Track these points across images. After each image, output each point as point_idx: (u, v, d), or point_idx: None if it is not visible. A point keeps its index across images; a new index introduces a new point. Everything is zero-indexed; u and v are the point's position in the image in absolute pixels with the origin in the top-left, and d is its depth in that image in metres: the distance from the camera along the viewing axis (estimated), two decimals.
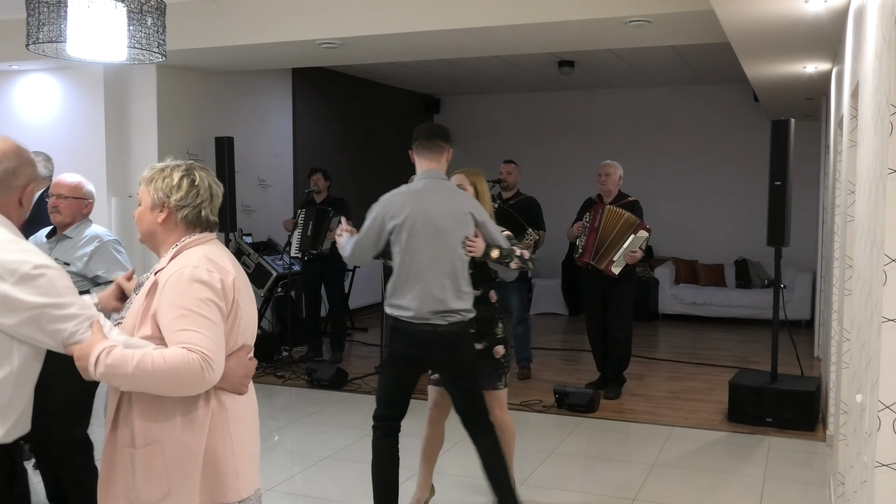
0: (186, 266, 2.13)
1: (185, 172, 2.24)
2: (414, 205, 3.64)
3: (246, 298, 2.23)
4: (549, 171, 11.31)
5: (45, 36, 3.04)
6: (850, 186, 3.96)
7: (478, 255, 3.69)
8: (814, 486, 4.81)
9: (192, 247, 2.22)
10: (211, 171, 2.33)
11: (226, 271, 2.17)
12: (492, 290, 4.02)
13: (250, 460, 2.25)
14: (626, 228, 6.24)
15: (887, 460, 1.91)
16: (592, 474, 4.99)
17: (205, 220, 2.24)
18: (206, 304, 2.09)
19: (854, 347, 2.93)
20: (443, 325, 3.63)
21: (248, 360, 2.25)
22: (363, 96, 10.59)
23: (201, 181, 2.24)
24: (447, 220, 3.63)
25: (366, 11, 5.84)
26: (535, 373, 7.24)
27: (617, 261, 6.22)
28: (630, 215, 6.26)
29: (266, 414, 6.26)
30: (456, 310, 3.65)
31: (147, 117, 7.41)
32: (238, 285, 2.19)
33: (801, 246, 9.42)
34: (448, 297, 3.62)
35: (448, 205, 3.66)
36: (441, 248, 3.63)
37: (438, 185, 3.72)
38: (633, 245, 6.19)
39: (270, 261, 8.00)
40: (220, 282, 2.13)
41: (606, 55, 8.70)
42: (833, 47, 5.31)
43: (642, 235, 6.22)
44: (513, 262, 3.79)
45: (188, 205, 2.22)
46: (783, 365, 6.19)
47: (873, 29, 2.49)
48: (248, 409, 2.28)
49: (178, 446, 2.11)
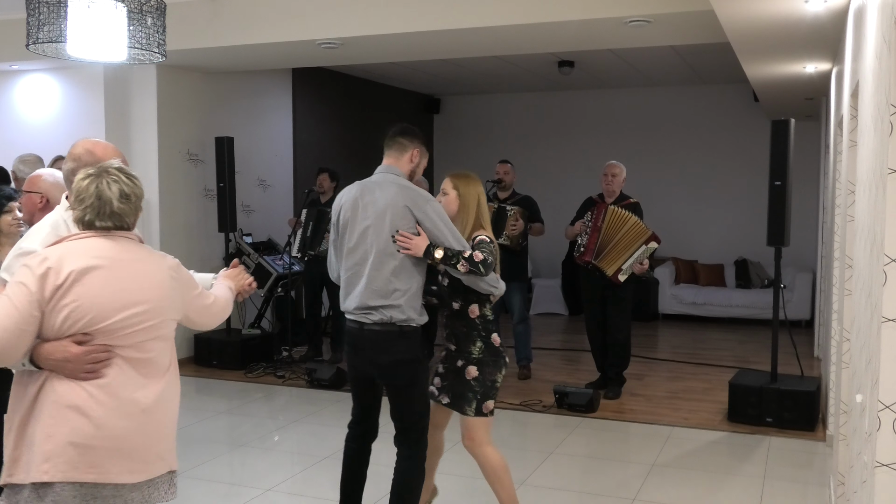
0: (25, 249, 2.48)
1: (90, 179, 2.41)
2: (350, 198, 3.56)
3: (94, 289, 2.32)
4: (549, 170, 11.31)
5: (45, 36, 3.04)
6: (850, 186, 3.96)
7: (414, 253, 3.43)
8: (814, 486, 4.81)
9: (69, 240, 2.40)
10: (132, 179, 2.45)
11: (65, 263, 2.31)
12: (473, 305, 3.63)
13: (71, 449, 2.28)
14: (636, 237, 6.25)
15: (887, 460, 1.91)
16: (592, 474, 5.00)
17: (88, 222, 2.40)
18: (14, 285, 2.31)
19: (854, 347, 2.93)
20: (367, 324, 3.49)
21: (94, 348, 2.33)
22: (363, 96, 10.59)
23: (86, 189, 2.40)
24: (378, 215, 3.47)
25: (366, 11, 5.84)
26: (535, 373, 7.24)
27: (625, 269, 6.24)
28: (642, 224, 6.28)
29: (266, 414, 6.26)
30: (377, 307, 3.45)
31: (147, 117, 7.41)
32: (78, 278, 2.31)
33: (801, 246, 9.43)
34: (371, 294, 3.46)
35: (384, 199, 3.47)
36: (367, 242, 3.49)
37: (385, 178, 3.55)
38: (643, 256, 6.23)
39: (270, 261, 8.00)
40: (48, 271, 2.29)
41: (606, 55, 8.70)
42: (833, 47, 5.31)
43: (652, 247, 6.25)
44: (460, 265, 3.44)
45: (76, 208, 2.43)
46: (783, 365, 6.19)
47: (873, 29, 2.49)
48: (90, 400, 2.32)
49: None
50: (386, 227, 3.45)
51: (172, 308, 2.49)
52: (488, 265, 3.47)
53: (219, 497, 4.55)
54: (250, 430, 5.79)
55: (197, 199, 7.90)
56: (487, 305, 3.66)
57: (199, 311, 2.65)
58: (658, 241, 6.28)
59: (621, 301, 6.45)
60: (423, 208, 3.47)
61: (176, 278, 2.51)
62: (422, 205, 3.47)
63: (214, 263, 8.00)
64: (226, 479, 4.85)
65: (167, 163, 7.52)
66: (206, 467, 5.00)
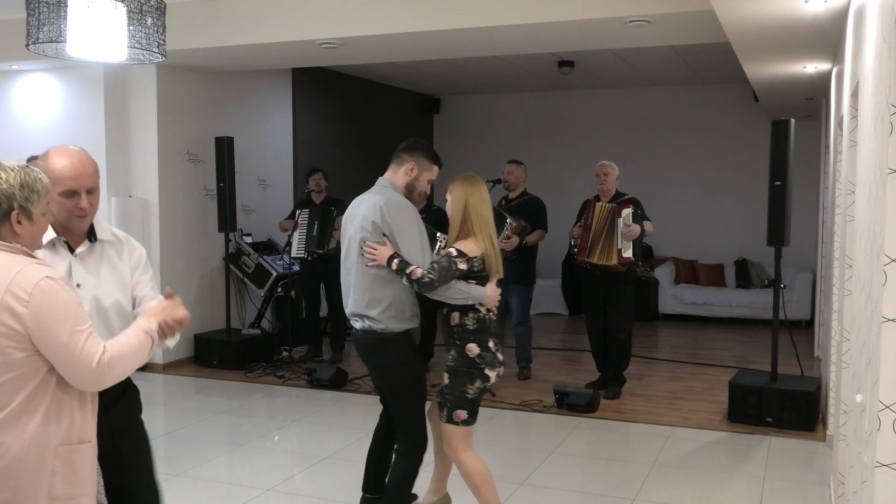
0: None
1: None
2: (349, 209, 3.79)
3: None
4: (549, 170, 11.30)
5: (45, 36, 3.04)
6: (850, 186, 3.96)
7: (379, 264, 3.56)
8: (814, 486, 4.81)
9: None
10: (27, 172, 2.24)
11: None
12: (454, 313, 3.66)
13: None
14: (611, 218, 6.32)
15: (887, 460, 1.91)
16: (592, 474, 5.00)
17: None
18: None
19: (854, 347, 2.93)
20: (357, 330, 3.73)
21: None
22: (363, 96, 10.59)
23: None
24: (357, 226, 3.64)
25: (366, 11, 5.84)
26: (535, 373, 7.24)
27: (623, 247, 6.24)
28: (608, 206, 6.36)
29: (266, 414, 6.26)
30: (363, 315, 3.65)
31: (147, 117, 7.41)
32: None
33: (801, 246, 9.43)
34: (357, 302, 3.67)
35: (364, 211, 3.64)
36: (353, 253, 3.69)
37: (374, 190, 3.74)
38: (625, 227, 6.23)
39: (270, 261, 8.00)
40: None
41: (606, 55, 8.70)
42: (833, 47, 5.31)
43: (627, 213, 6.27)
44: (403, 279, 3.54)
45: None
46: (783, 365, 6.19)
47: (873, 29, 2.49)
48: None
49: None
50: (361, 239, 3.63)
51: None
52: (423, 284, 3.50)
53: (219, 497, 4.55)
54: (250, 430, 5.79)
55: (197, 199, 7.90)
56: (471, 315, 3.65)
57: (56, 358, 2.15)
58: (627, 205, 6.31)
59: (622, 301, 6.46)
60: (397, 216, 3.57)
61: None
62: (395, 213, 3.57)
63: (214, 263, 8.00)
64: (225, 479, 4.84)
65: (167, 163, 7.52)
66: (206, 467, 5.00)
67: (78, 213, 2.56)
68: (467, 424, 3.69)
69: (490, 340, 3.69)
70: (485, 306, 3.66)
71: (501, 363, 3.76)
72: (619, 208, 6.31)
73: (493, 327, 3.73)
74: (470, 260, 3.57)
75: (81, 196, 2.55)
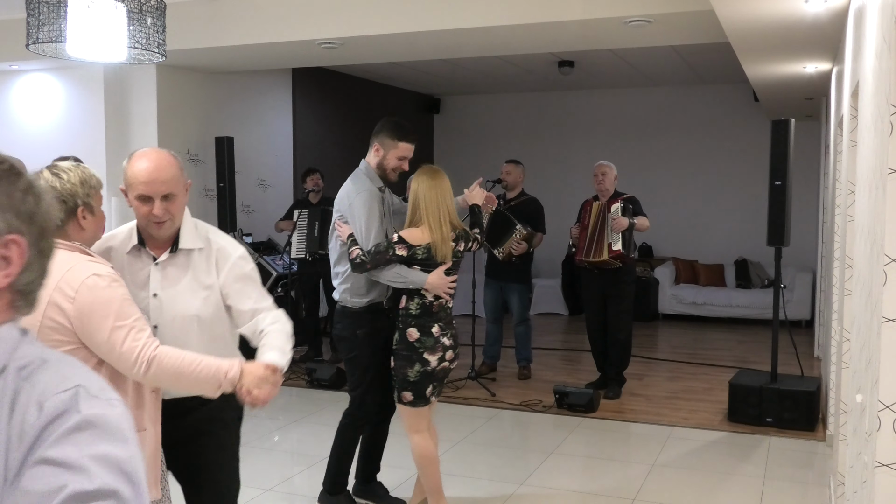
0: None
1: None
2: None
3: None
4: (549, 170, 11.30)
5: (45, 36, 3.04)
6: (850, 186, 3.96)
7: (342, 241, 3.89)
8: (814, 486, 4.80)
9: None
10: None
11: None
12: (403, 296, 3.85)
13: None
14: (602, 215, 6.37)
15: (887, 460, 1.91)
16: (592, 474, 4.99)
17: None
18: None
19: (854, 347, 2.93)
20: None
21: None
22: (363, 96, 10.58)
23: None
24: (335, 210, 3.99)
25: (366, 11, 5.84)
26: (535, 373, 7.24)
27: (612, 239, 6.27)
28: (601, 204, 6.42)
29: (266, 414, 6.25)
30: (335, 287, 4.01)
31: (147, 117, 7.41)
32: None
33: (801, 246, 9.42)
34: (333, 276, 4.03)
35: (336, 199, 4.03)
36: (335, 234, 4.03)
37: (350, 177, 4.06)
38: (612, 220, 6.25)
39: (270, 261, 8.00)
40: None
41: (606, 55, 8.70)
42: (833, 47, 5.31)
43: (616, 207, 6.30)
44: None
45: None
46: (783, 365, 6.19)
47: (873, 29, 2.49)
48: None
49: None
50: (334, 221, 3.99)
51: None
52: (356, 264, 3.77)
53: None
54: (250, 430, 5.79)
55: (197, 199, 7.90)
56: (416, 300, 3.80)
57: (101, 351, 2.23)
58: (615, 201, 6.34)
59: (622, 301, 6.47)
60: (352, 201, 3.88)
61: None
62: (352, 198, 3.88)
63: None
64: None
65: None
66: None
67: (153, 218, 2.48)
68: (414, 406, 3.84)
69: (435, 325, 3.81)
70: (431, 292, 3.79)
71: (448, 348, 3.84)
72: (609, 204, 6.34)
73: (443, 313, 3.85)
74: (412, 247, 3.73)
75: (155, 202, 2.46)
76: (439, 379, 3.88)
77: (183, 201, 2.56)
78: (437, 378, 3.86)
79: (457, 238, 3.86)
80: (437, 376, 3.86)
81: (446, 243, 3.77)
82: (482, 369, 7.10)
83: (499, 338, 7.27)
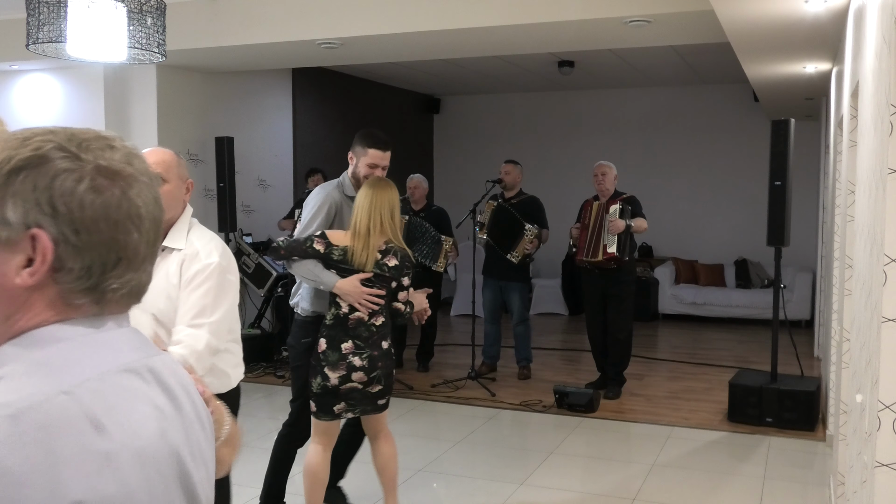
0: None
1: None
2: None
3: None
4: (549, 171, 11.31)
5: (45, 36, 3.04)
6: (850, 186, 3.96)
7: None
8: (814, 486, 4.81)
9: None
10: None
11: None
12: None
13: None
14: (600, 215, 6.39)
15: (887, 460, 1.91)
16: (592, 474, 4.99)
17: None
18: None
19: (854, 347, 2.93)
20: None
21: None
22: (363, 96, 10.58)
23: None
24: None
25: (366, 11, 5.84)
26: (535, 373, 7.24)
27: (608, 241, 6.27)
28: (600, 204, 6.42)
29: (266, 414, 6.25)
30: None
31: (147, 117, 7.41)
32: None
33: (801, 246, 9.42)
34: None
35: None
36: None
37: None
38: (609, 221, 6.28)
39: (270, 261, 7.99)
40: None
41: (606, 55, 8.70)
42: (833, 47, 5.31)
43: (614, 209, 6.31)
44: None
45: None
46: (783, 365, 6.19)
47: (873, 29, 2.49)
48: None
49: None
50: None
51: None
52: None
53: None
54: (250, 430, 5.79)
55: (197, 199, 7.89)
56: (332, 310, 3.58)
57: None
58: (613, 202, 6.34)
59: (622, 301, 6.47)
60: (309, 199, 3.92)
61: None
62: (310, 197, 3.93)
63: None
64: None
65: None
66: None
67: None
68: (318, 417, 3.63)
69: (348, 342, 3.53)
70: (345, 302, 3.54)
71: (359, 369, 3.52)
72: (608, 205, 6.35)
73: (362, 330, 3.55)
74: (329, 245, 3.57)
75: None
76: (352, 398, 3.56)
77: (177, 194, 2.60)
78: (345, 397, 3.55)
79: (386, 251, 3.57)
80: (343, 395, 3.55)
81: (368, 252, 3.52)
82: (482, 369, 7.10)
83: (498, 338, 7.27)
